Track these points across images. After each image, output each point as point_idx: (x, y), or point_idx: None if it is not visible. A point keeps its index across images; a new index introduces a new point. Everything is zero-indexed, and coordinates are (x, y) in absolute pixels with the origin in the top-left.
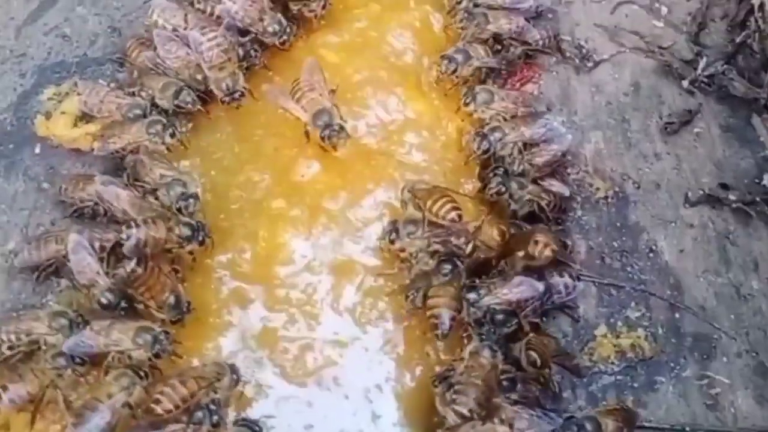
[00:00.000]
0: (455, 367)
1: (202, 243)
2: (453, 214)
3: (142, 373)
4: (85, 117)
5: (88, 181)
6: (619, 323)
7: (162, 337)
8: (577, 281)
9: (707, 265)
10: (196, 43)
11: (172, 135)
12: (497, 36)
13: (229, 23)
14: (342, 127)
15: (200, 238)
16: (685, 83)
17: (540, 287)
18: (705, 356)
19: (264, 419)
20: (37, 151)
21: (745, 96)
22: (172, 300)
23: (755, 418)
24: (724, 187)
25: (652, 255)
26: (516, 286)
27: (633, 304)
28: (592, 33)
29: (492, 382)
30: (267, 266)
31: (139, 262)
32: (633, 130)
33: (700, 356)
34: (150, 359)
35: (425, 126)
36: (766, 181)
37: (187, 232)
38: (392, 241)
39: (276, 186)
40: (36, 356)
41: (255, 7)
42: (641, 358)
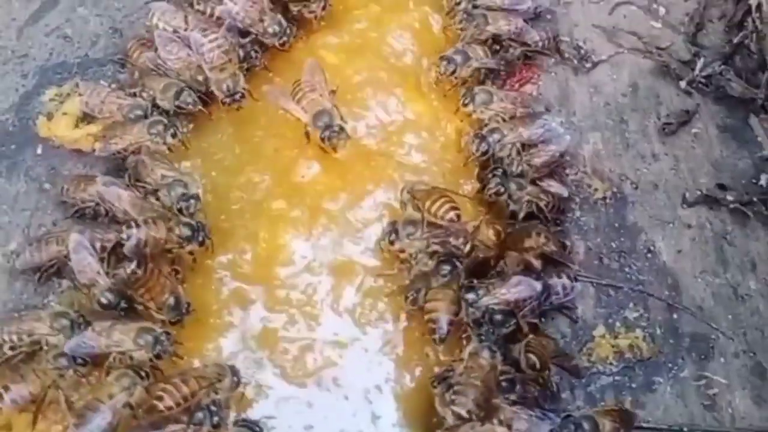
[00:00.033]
0: (454, 367)
1: (202, 243)
2: (451, 214)
3: (143, 374)
4: (86, 118)
5: (89, 182)
6: (618, 324)
7: (163, 338)
8: (575, 282)
9: (705, 265)
10: (197, 44)
11: (174, 135)
12: (496, 37)
13: (230, 24)
14: (342, 128)
15: (200, 239)
16: (683, 84)
17: (538, 287)
18: (703, 356)
19: (264, 420)
20: (38, 151)
21: (742, 96)
22: (171, 301)
23: (753, 419)
24: (722, 187)
25: (650, 255)
26: (514, 286)
27: (631, 305)
28: (590, 34)
29: (491, 382)
30: (267, 267)
31: (138, 263)
32: (631, 130)
33: (697, 356)
34: (151, 360)
35: (424, 127)
36: (763, 182)
37: (187, 232)
38: (392, 242)
39: (276, 187)
40: (38, 357)
41: (255, 8)
42: (639, 358)
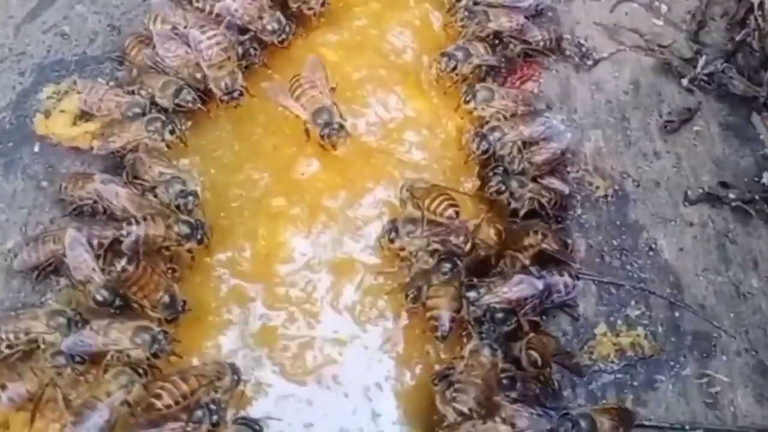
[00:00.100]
0: (455, 365)
1: (200, 242)
2: (450, 211)
3: (140, 371)
4: (84, 115)
5: (87, 179)
6: (619, 322)
7: (160, 337)
8: (576, 280)
9: (707, 263)
10: (196, 42)
11: (172, 132)
12: (497, 34)
13: (229, 22)
14: (342, 126)
15: (199, 237)
16: (685, 81)
17: (539, 285)
18: (705, 355)
19: (264, 418)
20: (36, 149)
21: (744, 94)
22: (166, 299)
23: (755, 417)
24: (724, 185)
25: (651, 253)
26: (515, 285)
27: (633, 303)
28: (591, 31)
29: (492, 380)
30: (267, 264)
31: (130, 260)
32: (633, 128)
33: (699, 355)
34: (148, 359)
35: (425, 124)
36: (765, 180)
37: (186, 230)
38: (392, 240)
39: (276, 184)
40: (35, 355)
41: (254, 5)
42: (641, 356)
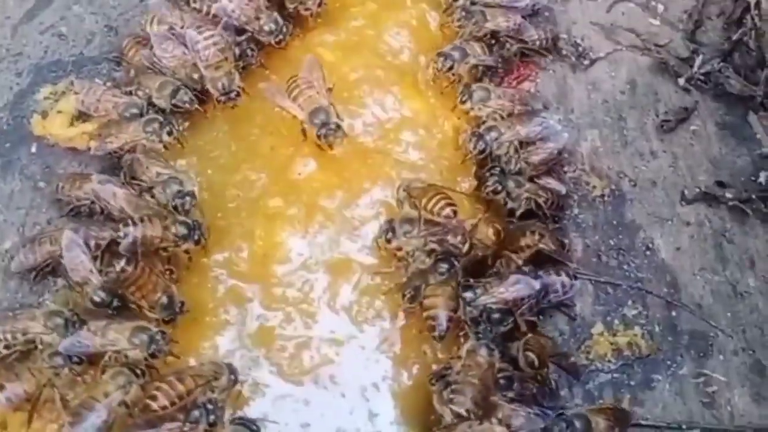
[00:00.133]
0: (452, 365)
1: (198, 242)
2: (447, 210)
3: (138, 372)
4: (81, 116)
5: (84, 180)
6: (616, 321)
7: (158, 337)
8: (573, 280)
9: (704, 262)
10: (193, 42)
11: (170, 133)
12: (494, 33)
13: (226, 23)
14: (339, 126)
15: (196, 237)
16: (682, 81)
17: (536, 285)
18: (702, 354)
19: (261, 418)
20: (33, 150)
21: (741, 93)
22: (164, 300)
23: (752, 416)
24: (721, 184)
25: (648, 253)
26: (512, 285)
27: (630, 302)
28: (588, 31)
29: (489, 380)
30: (264, 265)
31: (128, 261)
32: (629, 128)
33: (696, 354)
34: (146, 359)
35: (422, 124)
36: (762, 179)
37: (184, 231)
38: (389, 240)
39: (273, 185)
40: (33, 355)
41: (251, 5)
42: (638, 356)
